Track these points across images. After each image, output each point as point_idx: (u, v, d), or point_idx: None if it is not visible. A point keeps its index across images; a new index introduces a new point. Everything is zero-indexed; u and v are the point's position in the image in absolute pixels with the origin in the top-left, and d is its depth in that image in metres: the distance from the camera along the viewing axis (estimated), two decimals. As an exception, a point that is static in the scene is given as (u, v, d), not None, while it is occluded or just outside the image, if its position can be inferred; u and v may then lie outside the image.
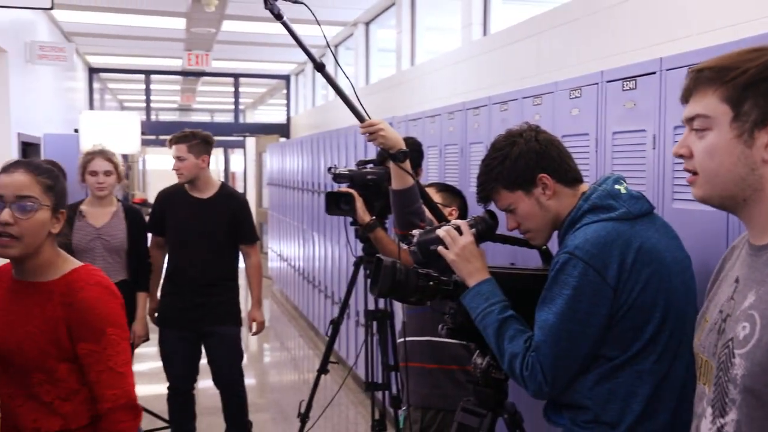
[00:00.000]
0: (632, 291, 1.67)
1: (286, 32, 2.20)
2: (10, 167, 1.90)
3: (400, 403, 3.13)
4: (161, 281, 3.99)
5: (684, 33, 3.12)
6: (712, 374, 1.16)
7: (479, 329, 1.87)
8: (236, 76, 13.71)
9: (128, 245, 3.75)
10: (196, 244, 3.78)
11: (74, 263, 1.97)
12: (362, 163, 3.44)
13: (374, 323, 3.43)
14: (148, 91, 13.72)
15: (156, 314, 3.93)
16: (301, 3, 2.21)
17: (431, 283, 2.00)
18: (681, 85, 1.25)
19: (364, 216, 3.09)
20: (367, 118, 2.36)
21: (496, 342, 1.82)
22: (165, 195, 3.96)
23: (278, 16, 2.18)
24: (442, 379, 2.66)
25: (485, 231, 1.98)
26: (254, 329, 4.02)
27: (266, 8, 2.17)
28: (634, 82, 2.35)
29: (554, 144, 1.90)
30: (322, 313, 6.53)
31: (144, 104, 13.87)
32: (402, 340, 2.82)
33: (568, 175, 1.87)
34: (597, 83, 2.54)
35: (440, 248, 1.93)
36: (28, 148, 6.81)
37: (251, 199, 14.55)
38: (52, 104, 8.79)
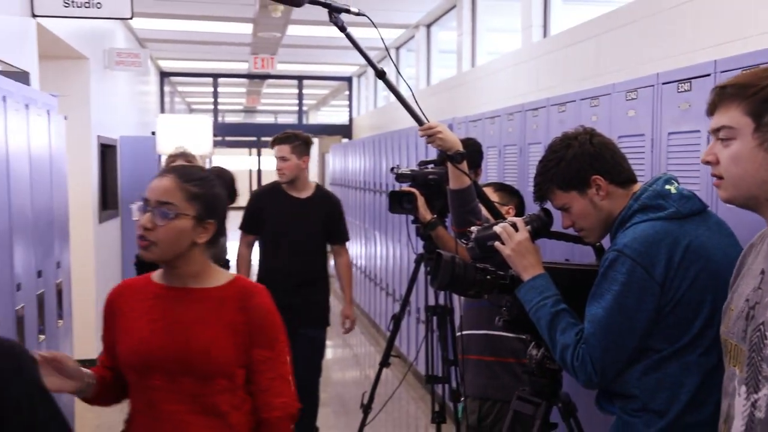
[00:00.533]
0: (679, 287, 1.75)
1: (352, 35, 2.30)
2: (164, 172, 1.89)
3: (460, 397, 3.24)
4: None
5: (743, 35, 3.13)
6: (744, 356, 1.26)
7: (533, 321, 1.97)
8: (300, 78, 14.00)
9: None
10: (295, 243, 3.86)
11: (228, 272, 1.94)
12: (423, 164, 3.55)
13: (434, 318, 3.55)
14: (215, 94, 14.15)
15: None
16: (363, 15, 2.32)
17: (488, 276, 2.11)
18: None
19: (426, 214, 3.21)
20: (425, 121, 2.46)
21: (549, 334, 1.92)
22: (261, 194, 4.07)
23: (342, 29, 2.30)
24: (500, 371, 2.75)
25: (540, 228, 2.08)
26: (347, 326, 4.10)
27: (331, 21, 2.30)
28: (689, 84, 2.40)
29: (608, 147, 1.99)
30: (384, 310, 6.68)
31: (211, 106, 14.32)
32: (460, 333, 2.93)
33: (622, 176, 1.96)
34: (653, 85, 2.60)
35: (497, 243, 2.04)
36: (107, 150, 7.19)
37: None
38: (126, 107, 9.22)
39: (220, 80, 14.06)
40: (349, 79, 14.25)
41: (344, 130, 14.11)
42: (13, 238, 2.78)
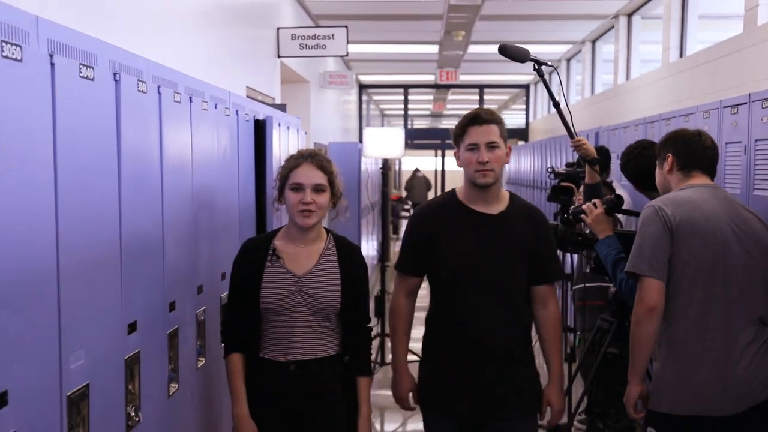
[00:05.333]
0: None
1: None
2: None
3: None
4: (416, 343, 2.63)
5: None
6: None
7: (605, 266, 3.10)
8: (481, 87, 15.27)
9: (342, 304, 2.36)
10: (483, 285, 2.44)
11: None
12: (569, 165, 4.66)
13: (568, 283, 4.69)
14: (406, 102, 15.82)
15: (411, 394, 2.56)
16: (553, 67, 3.25)
17: (580, 237, 3.27)
18: None
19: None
20: (575, 135, 3.39)
21: (613, 273, 3.03)
22: (428, 211, 2.57)
23: (541, 76, 3.19)
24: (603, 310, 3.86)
25: (612, 207, 3.20)
26: (549, 417, 2.55)
27: (534, 70, 3.13)
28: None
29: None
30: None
31: (402, 112, 16.01)
32: (580, 286, 4.08)
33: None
34: (746, 103, 3.46)
35: (583, 216, 3.19)
36: (320, 153, 8.92)
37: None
38: (333, 117, 11.04)
39: (410, 90, 15.71)
40: (526, 87, 15.29)
41: (521, 134, 15.16)
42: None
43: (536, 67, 3.07)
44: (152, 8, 3.67)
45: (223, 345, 2.45)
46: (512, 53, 3.07)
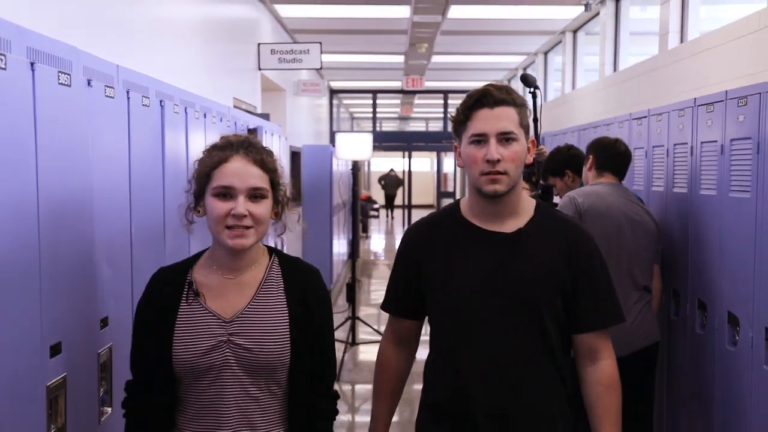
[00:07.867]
0: None
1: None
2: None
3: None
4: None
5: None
6: None
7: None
8: (445, 93, 16.10)
9: (293, 357, 1.65)
10: (499, 335, 1.78)
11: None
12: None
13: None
14: (374, 106, 16.57)
15: None
16: (538, 88, 3.89)
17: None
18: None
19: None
20: (541, 144, 4.30)
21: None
22: (422, 231, 1.93)
23: (534, 97, 3.86)
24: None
25: (542, 200, 3.98)
26: None
27: (529, 93, 3.87)
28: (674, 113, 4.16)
29: (577, 155, 3.87)
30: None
31: (371, 116, 16.76)
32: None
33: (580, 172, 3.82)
34: (646, 116, 4.32)
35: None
36: (294, 156, 9.59)
37: (459, 195, 17.14)
38: (306, 121, 11.74)
39: (378, 95, 16.47)
40: (488, 92, 16.17)
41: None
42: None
43: (532, 90, 3.77)
44: (152, 26, 4.27)
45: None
46: (527, 82, 3.89)
